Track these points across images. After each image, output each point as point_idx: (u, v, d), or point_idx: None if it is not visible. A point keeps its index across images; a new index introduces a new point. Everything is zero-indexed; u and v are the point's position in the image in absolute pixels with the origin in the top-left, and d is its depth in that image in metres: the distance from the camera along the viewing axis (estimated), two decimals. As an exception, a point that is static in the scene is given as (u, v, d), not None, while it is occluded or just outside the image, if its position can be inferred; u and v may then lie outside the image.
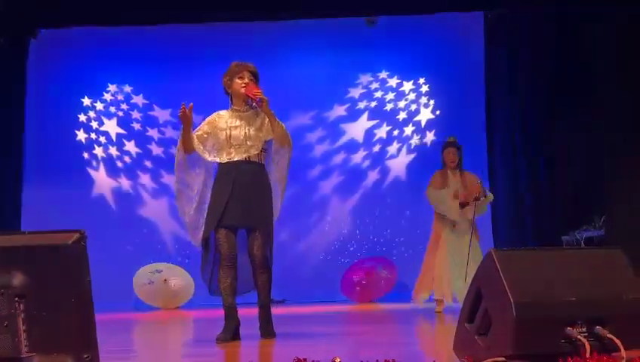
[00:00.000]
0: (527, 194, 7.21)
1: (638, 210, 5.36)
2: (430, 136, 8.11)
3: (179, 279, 7.39)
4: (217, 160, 3.48)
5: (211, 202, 3.46)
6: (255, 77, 3.55)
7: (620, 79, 5.47)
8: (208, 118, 3.59)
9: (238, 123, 3.48)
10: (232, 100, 3.58)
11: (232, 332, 3.38)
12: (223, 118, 3.53)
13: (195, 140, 3.48)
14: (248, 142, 3.43)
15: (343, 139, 8.26)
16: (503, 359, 1.99)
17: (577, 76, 6.64)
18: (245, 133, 3.45)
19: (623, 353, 1.96)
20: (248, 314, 3.64)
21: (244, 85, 3.46)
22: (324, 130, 8.26)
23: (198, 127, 3.57)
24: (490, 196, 5.49)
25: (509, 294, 1.98)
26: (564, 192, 6.64)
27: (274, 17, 7.44)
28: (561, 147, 6.98)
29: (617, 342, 1.99)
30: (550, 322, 2.01)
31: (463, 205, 5.25)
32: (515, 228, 7.24)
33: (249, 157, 3.44)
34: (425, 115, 8.17)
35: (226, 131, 3.46)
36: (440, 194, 5.35)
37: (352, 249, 7.89)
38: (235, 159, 3.43)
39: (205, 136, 3.52)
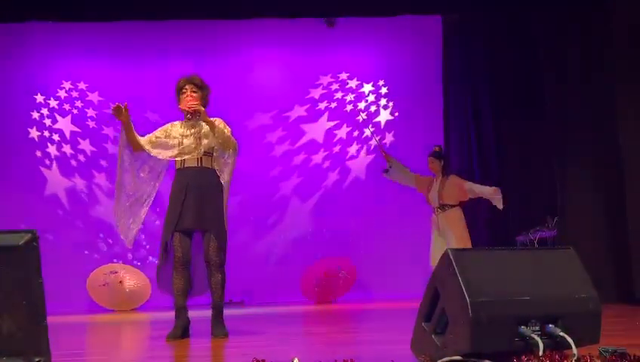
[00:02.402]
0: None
1: (589, 210, 5.51)
2: (389, 137, 8.19)
3: (134, 280, 7.27)
4: (161, 156, 3.65)
5: (168, 208, 3.66)
6: (199, 87, 3.73)
7: (568, 79, 5.64)
8: (162, 127, 3.77)
9: (188, 132, 3.69)
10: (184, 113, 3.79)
11: (181, 331, 3.55)
12: (176, 127, 3.74)
13: (143, 140, 3.66)
14: (199, 149, 3.64)
15: (304, 140, 8.28)
16: (460, 358, 2.02)
17: (530, 77, 6.81)
18: (196, 140, 3.65)
19: (575, 350, 2.01)
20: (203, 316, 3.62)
21: (181, 103, 3.71)
22: (285, 130, 8.25)
23: (151, 133, 3.74)
24: (392, 159, 5.94)
25: (465, 294, 2.01)
26: (517, 193, 6.79)
27: (234, 16, 7.37)
28: (515, 148, 7.14)
29: (569, 339, 2.04)
30: (505, 321, 2.04)
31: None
32: (470, 229, 7.35)
33: (200, 163, 3.65)
34: (384, 116, 8.25)
35: (179, 139, 3.67)
36: (408, 175, 5.89)
37: (311, 249, 7.90)
38: (187, 165, 3.65)
39: (155, 139, 3.70)
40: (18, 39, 7.64)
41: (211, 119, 3.61)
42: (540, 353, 1.98)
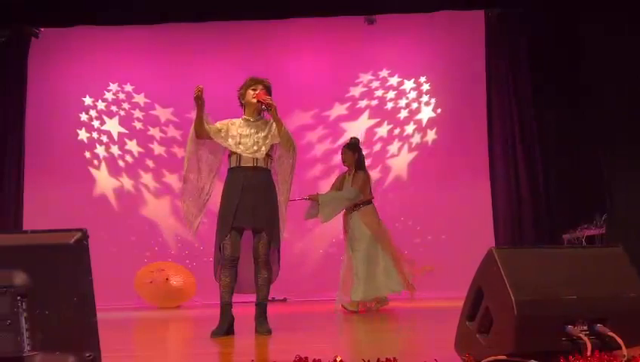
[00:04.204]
0: (527, 192, 7.21)
1: (639, 208, 5.35)
2: (431, 135, 8.10)
3: (180, 278, 7.40)
4: (222, 143, 3.71)
5: (221, 208, 3.70)
6: (268, 91, 3.78)
7: (615, 74, 5.49)
8: (222, 121, 3.81)
9: (247, 131, 3.73)
10: (244, 110, 3.84)
11: (226, 328, 3.59)
12: (235, 126, 3.77)
13: (210, 126, 3.71)
14: (255, 149, 3.68)
15: (344, 138, 8.26)
16: (504, 357, 1.99)
17: (576, 74, 6.64)
18: (254, 140, 3.70)
19: (625, 350, 1.96)
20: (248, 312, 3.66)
21: (255, 94, 3.72)
22: (325, 129, 8.26)
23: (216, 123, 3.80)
24: (317, 196, 5.61)
25: (510, 292, 1.98)
26: (565, 190, 6.64)
27: (275, 16, 7.44)
28: (562, 145, 6.98)
29: (618, 339, 1.99)
30: (551, 320, 2.01)
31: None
32: (516, 227, 7.23)
33: (256, 163, 3.68)
34: (426, 114, 8.17)
35: (237, 139, 3.70)
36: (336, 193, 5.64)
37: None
38: (243, 165, 3.68)
39: (219, 129, 3.74)
40: (66, 44, 7.86)
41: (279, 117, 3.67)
42: (588, 353, 1.94)
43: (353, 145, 5.59)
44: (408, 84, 8.22)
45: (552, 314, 2.01)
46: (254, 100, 3.71)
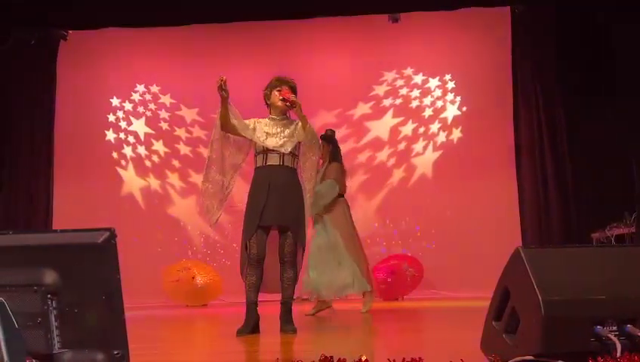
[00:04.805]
0: (555, 191, 7.11)
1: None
2: (457, 133, 8.04)
3: (206, 276, 7.47)
4: (247, 135, 3.72)
5: (248, 207, 3.72)
6: (293, 91, 3.81)
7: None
8: (249, 119, 3.82)
9: (273, 130, 3.75)
10: (270, 110, 3.87)
11: (251, 326, 3.62)
12: (261, 125, 3.79)
13: (238, 121, 3.72)
14: (282, 148, 3.70)
15: (368, 137, 8.25)
16: (531, 358, 1.97)
17: (603, 72, 6.52)
18: (280, 139, 3.72)
19: (655, 352, 1.92)
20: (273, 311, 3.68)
21: (280, 94, 3.77)
22: (349, 128, 8.25)
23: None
24: None
25: (537, 292, 1.96)
26: (593, 189, 6.53)
27: (299, 16, 7.46)
28: (590, 143, 6.86)
29: (649, 340, 1.95)
30: (579, 321, 1.98)
31: None
32: (544, 226, 7.15)
33: (283, 162, 3.70)
34: (451, 112, 8.10)
35: (263, 137, 3.72)
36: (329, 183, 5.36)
37: (377, 247, 7.87)
38: (269, 163, 3.70)
39: (247, 124, 3.76)
40: (94, 46, 7.98)
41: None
42: (618, 354, 1.91)
43: (328, 137, 5.42)
44: (433, 82, 8.16)
45: (580, 314, 1.98)
46: (279, 100, 3.74)
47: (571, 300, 1.99)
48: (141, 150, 8.30)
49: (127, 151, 8.27)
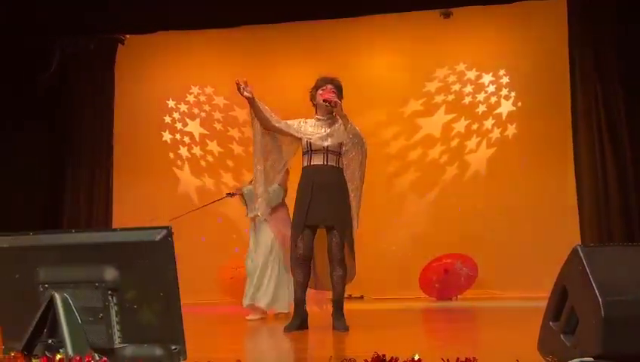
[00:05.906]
0: (615, 187, 6.85)
1: None
2: (512, 129, 7.87)
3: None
4: (286, 129, 3.79)
5: (295, 207, 3.81)
6: (338, 89, 3.85)
7: None
8: (295, 120, 3.91)
9: (319, 130, 3.82)
10: (316, 110, 3.94)
11: (298, 323, 3.71)
12: (307, 125, 3.87)
13: (278, 122, 3.82)
14: (327, 148, 3.76)
15: (420, 134, 8.16)
16: (591, 359, 1.92)
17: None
18: (325, 139, 3.77)
19: None
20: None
21: (322, 95, 3.82)
22: (400, 126, 8.19)
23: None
24: (241, 191, 5.34)
25: (597, 292, 1.91)
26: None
27: (349, 14, 7.44)
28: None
29: None
30: (641, 321, 1.91)
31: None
32: (603, 224, 6.89)
33: (327, 161, 3.75)
34: (505, 108, 7.93)
35: (309, 137, 3.79)
36: None
37: (430, 245, 7.78)
38: (314, 163, 3.77)
39: (289, 125, 3.84)
40: (150, 49, 8.19)
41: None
42: (683, 357, 1.83)
43: None
44: (486, 78, 8.01)
45: (642, 315, 1.91)
46: (321, 100, 3.80)
47: (632, 300, 1.93)
48: (196, 150, 8.48)
49: (183, 151, 8.46)
